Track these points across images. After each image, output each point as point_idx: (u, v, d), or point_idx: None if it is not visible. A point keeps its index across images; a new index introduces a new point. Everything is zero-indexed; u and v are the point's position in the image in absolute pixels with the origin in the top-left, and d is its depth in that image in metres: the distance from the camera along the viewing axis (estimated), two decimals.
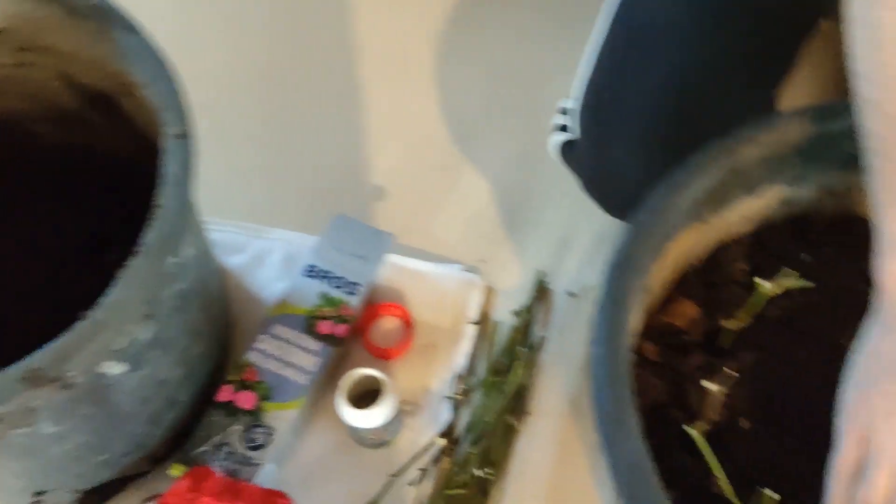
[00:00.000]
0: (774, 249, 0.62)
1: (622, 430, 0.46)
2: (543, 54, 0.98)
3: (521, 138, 0.92)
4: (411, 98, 0.97)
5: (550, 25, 1.00)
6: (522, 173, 0.91)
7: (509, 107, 0.95)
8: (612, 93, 0.76)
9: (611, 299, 0.50)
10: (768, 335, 0.59)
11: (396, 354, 0.81)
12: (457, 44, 1.00)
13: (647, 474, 0.45)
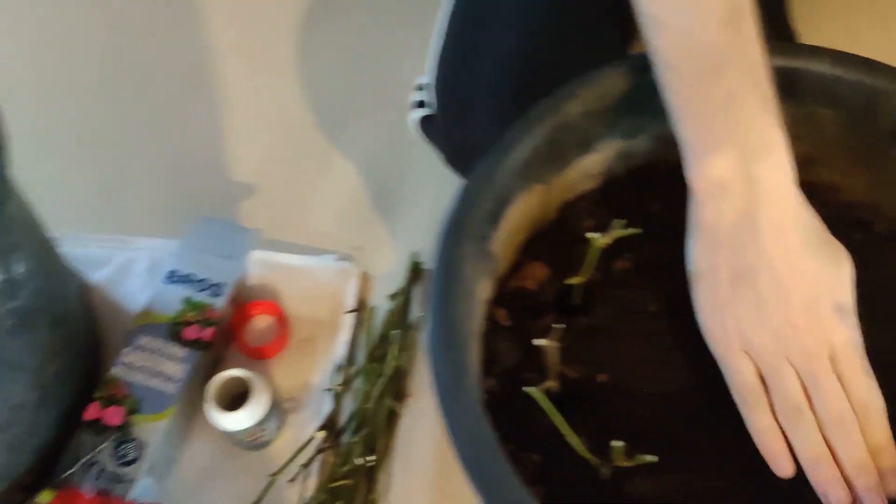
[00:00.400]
0: (620, 203, 0.63)
1: (459, 400, 0.45)
2: (402, 31, 0.97)
3: (387, 119, 0.91)
4: (272, 89, 0.95)
5: (406, 1, 0.99)
6: (391, 155, 0.89)
7: (373, 88, 0.94)
8: (462, 64, 0.75)
9: (442, 269, 0.49)
10: (619, 287, 0.59)
11: (273, 352, 0.79)
12: (314, 29, 0.98)
13: (488, 444, 0.44)
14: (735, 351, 0.49)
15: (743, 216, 0.49)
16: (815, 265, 0.49)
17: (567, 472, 0.53)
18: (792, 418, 0.48)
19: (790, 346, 0.48)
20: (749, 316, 0.49)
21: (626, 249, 0.61)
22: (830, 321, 0.49)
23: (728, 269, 0.49)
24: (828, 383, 0.47)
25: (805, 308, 0.48)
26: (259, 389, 0.70)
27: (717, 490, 0.52)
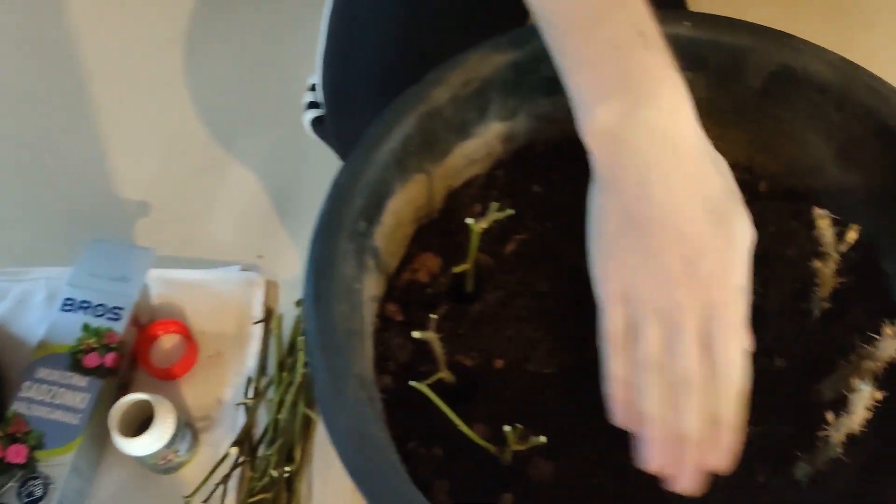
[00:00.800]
0: (505, 186, 0.62)
1: (339, 403, 0.44)
2: (290, 33, 0.95)
3: (282, 123, 0.90)
4: (160, 103, 0.92)
5: (292, 2, 0.97)
6: (288, 159, 0.88)
7: (265, 93, 0.92)
8: (344, 60, 0.74)
9: (316, 269, 0.48)
10: (510, 270, 0.59)
11: (182, 372, 0.77)
12: (198, 38, 0.96)
13: (370, 445, 0.43)
14: (612, 298, 0.48)
15: (632, 165, 0.47)
16: (706, 223, 0.47)
17: (469, 462, 0.52)
18: (641, 372, 0.47)
19: (661, 300, 0.46)
20: (630, 264, 0.47)
21: (514, 231, 0.61)
22: (710, 281, 0.46)
23: (617, 216, 0.47)
24: (685, 343, 0.46)
25: (685, 265, 0.46)
26: (163, 411, 0.68)
27: (615, 464, 0.52)
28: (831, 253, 0.50)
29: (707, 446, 0.46)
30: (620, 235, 0.48)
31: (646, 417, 0.47)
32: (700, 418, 0.46)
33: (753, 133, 0.60)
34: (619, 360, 0.48)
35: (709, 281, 0.46)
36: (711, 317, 0.46)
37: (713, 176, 0.48)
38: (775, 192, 0.61)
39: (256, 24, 0.97)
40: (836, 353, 0.54)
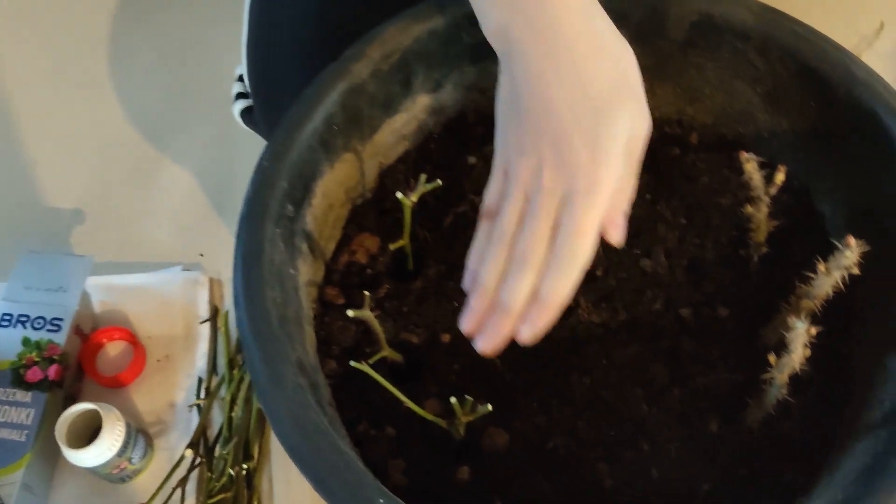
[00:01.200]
0: (439, 160, 0.61)
1: (277, 388, 0.43)
2: (215, 24, 0.93)
3: (213, 117, 0.88)
4: (87, 107, 0.90)
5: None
6: (222, 153, 0.86)
7: (194, 88, 0.90)
8: (266, 45, 0.73)
9: (244, 258, 0.47)
10: (450, 243, 0.58)
11: (130, 378, 0.75)
12: (121, 39, 0.94)
13: (310, 427, 0.42)
14: (499, 168, 0.50)
15: (520, 57, 0.48)
16: (582, 111, 0.47)
17: (423, 440, 0.52)
18: (491, 242, 0.48)
19: (528, 180, 0.47)
20: (514, 142, 0.49)
21: (451, 205, 0.60)
22: (575, 170, 0.46)
23: (507, 101, 0.50)
24: (536, 223, 0.46)
25: (555, 151, 0.47)
26: (111, 420, 0.66)
27: (568, 426, 0.52)
28: (762, 196, 0.50)
29: (521, 319, 0.47)
30: (510, 115, 0.50)
31: (479, 283, 0.48)
32: (523, 294, 0.47)
33: (681, 86, 0.60)
34: (484, 231, 0.50)
35: (573, 170, 0.46)
36: (568, 203, 0.46)
37: (603, 66, 0.48)
38: (707, 143, 0.61)
39: (179, 19, 0.95)
40: (778, 297, 0.54)
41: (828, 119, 0.54)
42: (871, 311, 0.52)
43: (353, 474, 0.42)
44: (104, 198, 0.85)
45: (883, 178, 0.51)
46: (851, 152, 0.54)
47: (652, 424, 0.51)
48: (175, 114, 0.89)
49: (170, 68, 0.92)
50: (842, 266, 0.43)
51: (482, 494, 0.50)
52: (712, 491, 0.49)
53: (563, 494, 0.50)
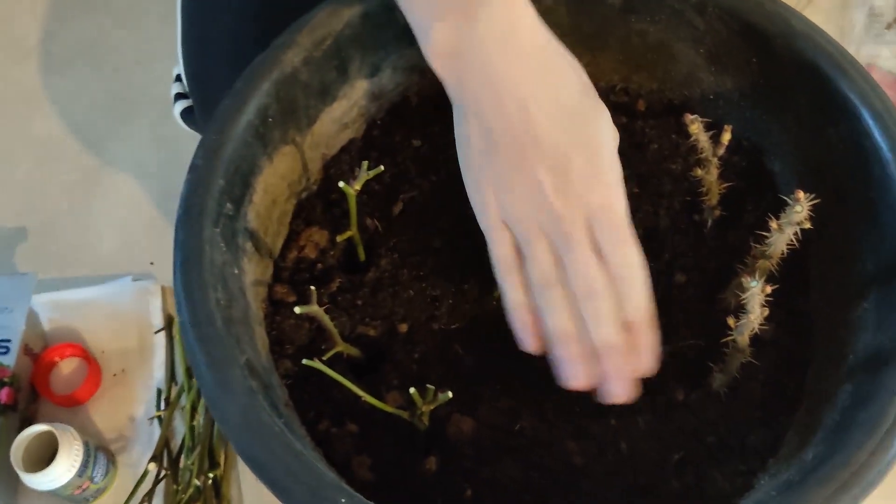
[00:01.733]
0: (384, 146, 0.60)
1: (225, 392, 0.42)
2: (149, 25, 0.91)
3: (154, 121, 0.85)
4: (21, 122, 0.87)
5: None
6: (166, 156, 0.84)
7: (131, 92, 0.88)
8: (202, 43, 0.71)
9: (182, 260, 0.45)
10: (401, 231, 0.57)
11: (87, 396, 0.73)
12: (50, 46, 0.90)
13: (262, 430, 0.41)
14: (495, 222, 0.46)
15: (480, 80, 0.45)
16: (567, 127, 0.45)
17: (387, 433, 0.51)
18: (540, 293, 0.45)
19: (541, 215, 0.44)
20: (502, 187, 0.45)
21: (400, 191, 0.58)
22: (584, 184, 0.44)
23: (478, 138, 0.45)
24: (579, 253, 0.44)
25: (554, 173, 0.44)
26: (68, 440, 0.64)
27: (533, 407, 0.51)
28: (710, 158, 0.49)
29: (628, 351, 0.45)
30: (486, 158, 0.46)
31: (558, 336, 0.45)
32: (614, 324, 0.45)
33: (623, 52, 0.59)
34: (516, 286, 0.46)
35: (582, 186, 0.44)
36: (595, 221, 0.44)
37: (566, 76, 0.46)
38: (654, 109, 0.60)
39: (107, 21, 0.92)
40: (734, 259, 0.54)
41: (771, 75, 0.53)
42: (827, 266, 0.52)
43: (310, 475, 0.40)
44: (45, 212, 0.82)
45: (829, 131, 0.51)
46: (797, 107, 0.53)
47: None
48: (113, 120, 0.86)
49: (103, 74, 0.89)
50: (793, 222, 0.42)
51: (451, 483, 0.49)
52: (682, 459, 0.49)
53: (534, 476, 0.49)
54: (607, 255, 0.44)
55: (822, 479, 0.39)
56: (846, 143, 0.50)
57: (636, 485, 0.48)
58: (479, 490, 0.48)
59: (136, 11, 0.92)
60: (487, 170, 0.46)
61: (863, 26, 0.87)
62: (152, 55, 0.89)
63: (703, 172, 0.50)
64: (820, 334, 0.51)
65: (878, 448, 0.40)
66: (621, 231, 0.45)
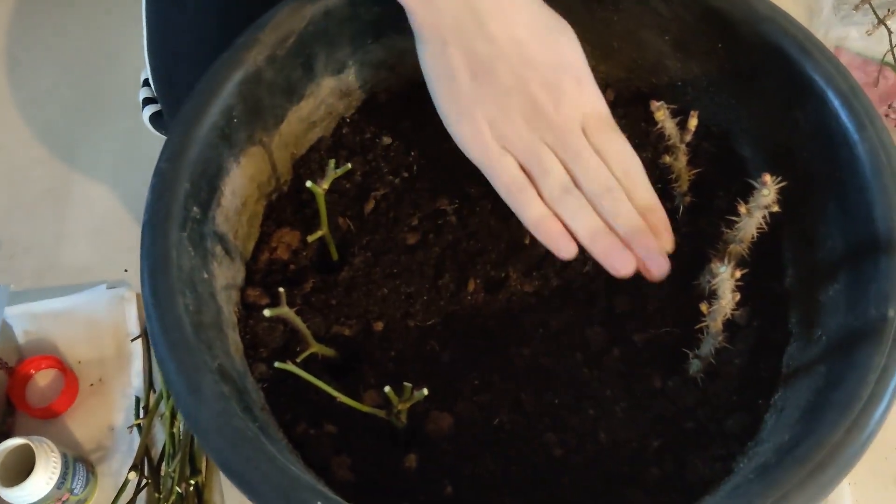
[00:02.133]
0: (353, 144, 0.59)
1: (197, 398, 0.41)
2: (115, 30, 0.89)
3: (123, 126, 0.84)
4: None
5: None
6: (136, 162, 0.83)
7: (100, 97, 0.86)
8: (168, 47, 0.70)
9: (150, 266, 0.44)
10: (374, 229, 0.56)
11: (64, 407, 0.72)
12: (16, 53, 0.89)
13: (235, 435, 0.40)
14: (492, 150, 0.48)
15: (461, 8, 0.46)
16: (546, 42, 0.48)
17: (366, 433, 0.50)
18: (561, 199, 0.47)
19: (542, 128, 0.47)
20: (496, 109, 0.47)
21: (371, 189, 0.58)
22: (574, 94, 0.48)
23: (463, 66, 0.47)
24: (587, 156, 0.47)
25: (547, 88, 0.47)
26: (45, 452, 0.63)
27: (511, 400, 0.51)
28: (678, 144, 0.49)
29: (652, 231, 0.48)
30: (476, 86, 0.47)
31: (592, 234, 0.47)
32: (633, 210, 0.48)
33: (589, 42, 0.58)
34: (531, 203, 0.48)
35: (574, 96, 0.48)
36: (588, 126, 0.48)
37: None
38: (623, 98, 0.60)
39: (75, 26, 0.91)
40: (706, 245, 0.54)
41: (737, 60, 0.53)
42: (799, 249, 0.52)
43: (285, 478, 0.40)
44: (16, 222, 0.81)
45: (797, 114, 0.51)
46: (764, 91, 0.53)
47: (595, 388, 0.51)
48: (82, 127, 0.85)
49: (72, 80, 0.88)
50: (762, 205, 0.42)
51: (431, 480, 0.49)
52: (661, 447, 0.49)
53: (514, 469, 0.49)
54: (607, 154, 0.48)
55: (798, 460, 0.39)
56: (813, 126, 0.50)
57: (617, 474, 0.48)
58: (460, 486, 0.48)
59: (99, 12, 0.91)
60: (478, 98, 0.47)
61: (831, 8, 0.87)
62: (119, 58, 0.88)
63: (671, 159, 0.50)
64: (794, 317, 0.51)
65: (853, 427, 0.40)
66: (614, 130, 0.49)
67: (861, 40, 0.83)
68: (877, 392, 0.40)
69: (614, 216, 0.48)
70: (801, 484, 0.38)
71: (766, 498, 0.38)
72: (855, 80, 0.49)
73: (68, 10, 0.92)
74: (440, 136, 0.60)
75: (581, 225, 0.48)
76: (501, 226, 0.56)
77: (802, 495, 0.38)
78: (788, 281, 0.52)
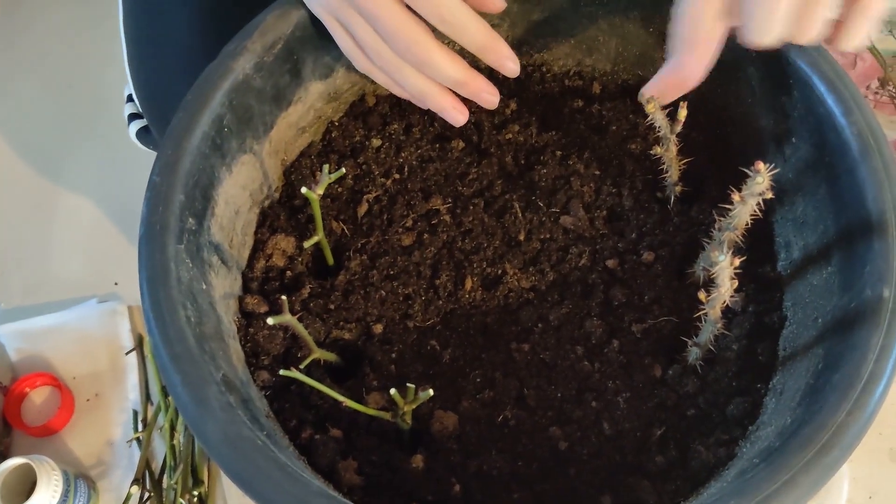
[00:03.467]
0: (343, 148, 0.59)
1: (203, 409, 0.41)
2: (98, 45, 0.89)
3: (109, 140, 0.84)
4: None
5: (89, 10, 0.91)
6: (124, 176, 0.83)
7: (84, 111, 0.86)
8: (151, 61, 0.69)
9: (148, 279, 0.44)
10: (368, 232, 0.56)
11: (61, 424, 0.72)
12: (1, 70, 0.88)
13: (243, 444, 0.40)
14: (324, 16, 0.51)
15: None
16: None
17: (371, 436, 0.50)
18: (380, 59, 0.50)
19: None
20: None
21: (363, 192, 0.58)
22: None
23: None
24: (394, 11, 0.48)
25: None
26: (46, 470, 0.63)
27: (515, 396, 0.51)
28: (668, 135, 0.49)
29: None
30: None
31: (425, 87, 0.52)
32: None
33: (574, 37, 0.59)
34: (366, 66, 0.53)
35: None
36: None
37: None
38: (610, 91, 0.61)
39: (60, 42, 0.90)
40: (700, 233, 0.54)
41: (723, 48, 0.54)
42: (791, 233, 0.53)
43: (296, 486, 0.40)
44: (4, 240, 0.80)
45: (783, 100, 0.51)
46: (750, 79, 0.54)
47: (597, 380, 0.51)
48: (68, 142, 0.85)
49: (54, 94, 0.87)
50: (755, 193, 0.42)
51: (439, 479, 0.49)
52: (664, 435, 0.49)
53: (520, 465, 0.49)
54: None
55: (802, 443, 0.40)
56: (800, 111, 0.50)
57: (622, 464, 0.49)
58: (468, 483, 0.48)
59: (77, 28, 0.90)
60: None
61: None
62: (102, 72, 0.87)
63: (662, 150, 0.51)
64: (788, 300, 0.52)
65: (854, 407, 0.40)
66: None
67: None
68: (876, 371, 0.41)
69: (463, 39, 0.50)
70: (807, 466, 0.39)
71: (774, 482, 0.39)
72: (839, 65, 0.49)
73: (49, 24, 0.91)
74: (429, 136, 0.60)
75: (411, 84, 0.51)
76: (496, 223, 0.56)
77: (808, 477, 0.39)
78: (782, 265, 0.53)
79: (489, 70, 0.52)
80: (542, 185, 0.57)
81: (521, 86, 0.61)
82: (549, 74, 0.62)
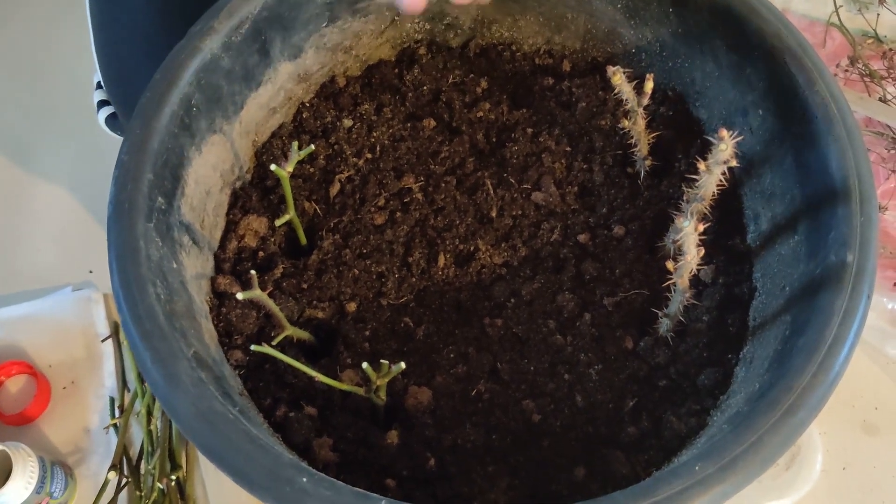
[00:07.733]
0: (315, 128, 0.59)
1: (173, 385, 0.41)
2: (66, 33, 0.88)
3: (79, 127, 0.83)
4: None
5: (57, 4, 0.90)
6: (95, 163, 0.82)
7: (54, 100, 0.85)
8: (117, 47, 0.69)
9: (118, 257, 0.44)
10: (341, 211, 0.56)
11: (37, 412, 0.71)
12: None
13: (214, 418, 0.40)
14: None
15: None
16: None
17: (346, 413, 0.50)
18: None
19: None
20: None
21: (335, 172, 0.58)
22: None
23: None
24: None
25: None
26: (21, 458, 0.63)
27: (488, 370, 0.51)
28: (636, 108, 0.49)
29: None
30: None
31: None
32: None
33: (543, 14, 0.60)
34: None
35: None
36: None
37: None
38: (579, 68, 0.61)
39: (21, 30, 0.89)
40: (669, 206, 0.55)
41: (688, 23, 0.54)
42: (759, 204, 0.53)
43: (268, 457, 0.40)
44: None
45: (748, 72, 0.52)
46: (715, 52, 0.54)
47: (569, 353, 0.51)
48: (38, 131, 0.84)
49: (24, 83, 0.86)
50: (720, 161, 0.43)
51: (414, 454, 0.49)
52: (637, 406, 0.50)
53: (494, 438, 0.49)
54: None
55: (769, 405, 0.40)
56: (766, 84, 0.51)
57: (595, 435, 0.49)
58: (442, 457, 0.48)
59: (48, 13, 0.89)
60: None
61: None
62: (70, 60, 0.87)
63: (630, 123, 0.51)
64: (758, 271, 0.52)
65: (819, 370, 0.41)
66: None
67: (805, 2, 0.85)
68: (840, 334, 0.41)
69: None
70: (774, 427, 0.39)
71: (741, 444, 0.39)
72: (804, 37, 0.50)
73: (15, 14, 0.90)
74: (401, 116, 0.60)
75: None
76: (468, 200, 0.56)
77: (775, 437, 0.39)
78: (751, 237, 0.54)
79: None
80: (513, 162, 0.57)
81: (492, 64, 0.62)
82: (520, 53, 0.62)
